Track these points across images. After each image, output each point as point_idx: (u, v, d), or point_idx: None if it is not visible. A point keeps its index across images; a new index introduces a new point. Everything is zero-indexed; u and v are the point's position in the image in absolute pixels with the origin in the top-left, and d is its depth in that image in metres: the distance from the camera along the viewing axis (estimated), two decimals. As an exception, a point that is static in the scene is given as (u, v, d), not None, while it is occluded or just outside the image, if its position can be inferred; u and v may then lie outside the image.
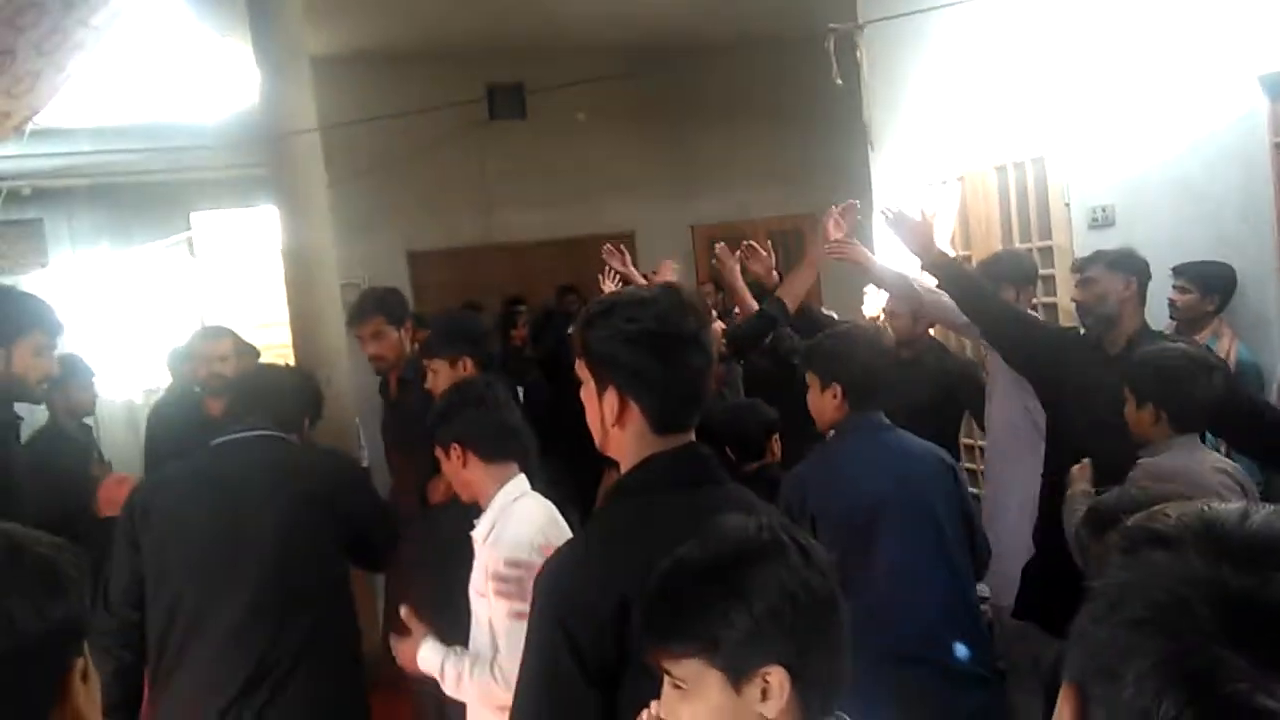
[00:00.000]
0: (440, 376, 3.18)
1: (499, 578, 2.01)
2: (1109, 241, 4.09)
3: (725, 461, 3.31)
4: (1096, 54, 4.24)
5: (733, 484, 1.57)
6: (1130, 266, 3.10)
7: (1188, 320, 3.64)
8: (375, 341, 3.73)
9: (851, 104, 5.24)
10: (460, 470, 2.20)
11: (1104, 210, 4.29)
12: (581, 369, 1.51)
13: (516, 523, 2.09)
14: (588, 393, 1.51)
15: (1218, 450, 2.87)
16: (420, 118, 6.43)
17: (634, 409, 1.46)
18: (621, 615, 1.33)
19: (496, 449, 2.19)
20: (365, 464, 5.48)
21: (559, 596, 1.38)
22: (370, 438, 6.06)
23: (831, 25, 3.57)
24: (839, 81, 3.42)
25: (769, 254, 4.42)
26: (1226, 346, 3.55)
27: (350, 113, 5.87)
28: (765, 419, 3.35)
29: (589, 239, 8.47)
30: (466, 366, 3.16)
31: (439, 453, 2.24)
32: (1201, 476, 2.38)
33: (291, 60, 4.83)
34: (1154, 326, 3.25)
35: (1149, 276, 3.16)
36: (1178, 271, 3.67)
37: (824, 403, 2.59)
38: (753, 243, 4.49)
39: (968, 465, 4.67)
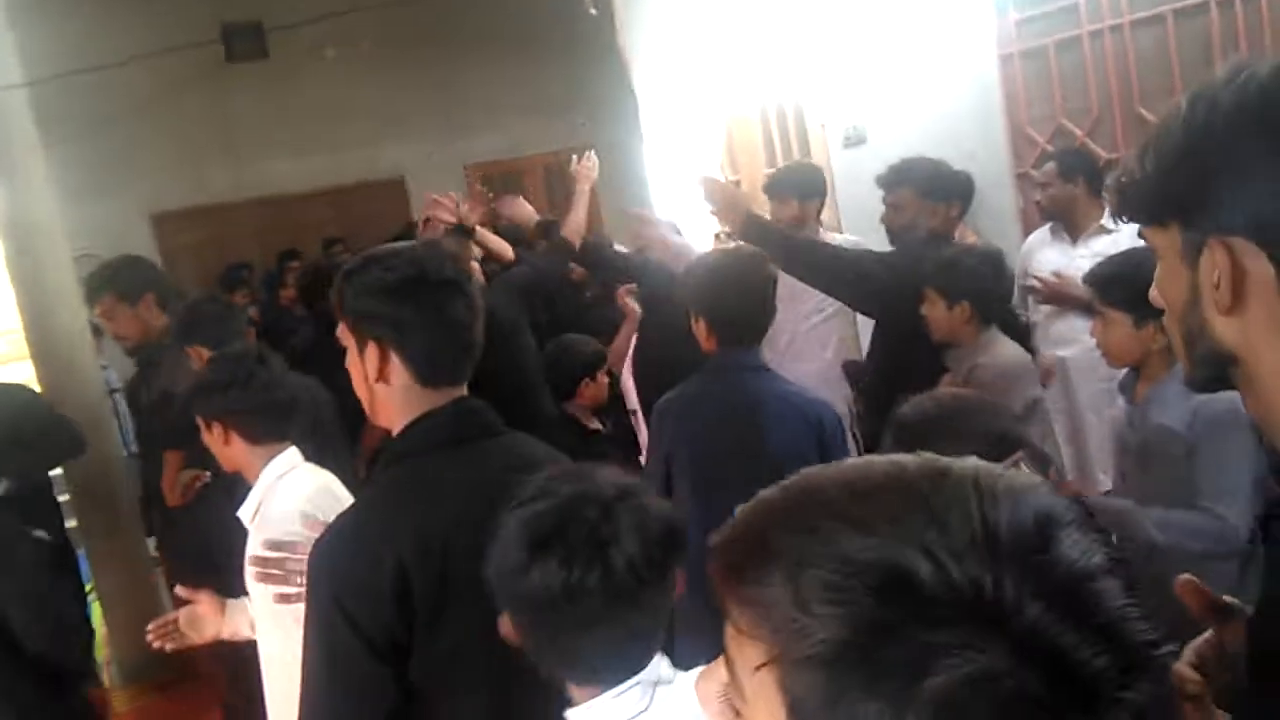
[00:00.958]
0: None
1: (257, 561, 1.90)
2: (863, 159, 4.31)
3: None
4: (838, -25, 4.38)
5: (510, 434, 1.51)
6: (940, 193, 3.20)
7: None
8: (110, 322, 3.40)
9: (609, 33, 5.20)
10: (223, 447, 2.05)
11: (855, 129, 4.49)
12: (343, 331, 1.45)
13: (280, 499, 1.97)
14: (351, 356, 1.45)
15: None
16: (150, 65, 5.84)
17: (396, 362, 1.40)
18: (401, 583, 1.29)
19: (263, 428, 2.05)
20: (127, 453, 5.05)
21: (332, 574, 1.32)
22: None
23: (580, -48, 3.46)
24: (593, 11, 3.34)
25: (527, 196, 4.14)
26: (971, 249, 3.83)
27: (62, 61, 5.24)
28: (581, 358, 3.32)
29: (356, 186, 8.09)
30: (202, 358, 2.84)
31: (201, 424, 2.06)
32: (1029, 372, 2.65)
33: (-22, 4, 4.22)
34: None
35: (957, 192, 3.30)
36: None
37: (701, 336, 2.38)
38: (494, 193, 4.16)
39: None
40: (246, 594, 2.04)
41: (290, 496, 1.97)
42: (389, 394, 1.42)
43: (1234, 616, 0.85)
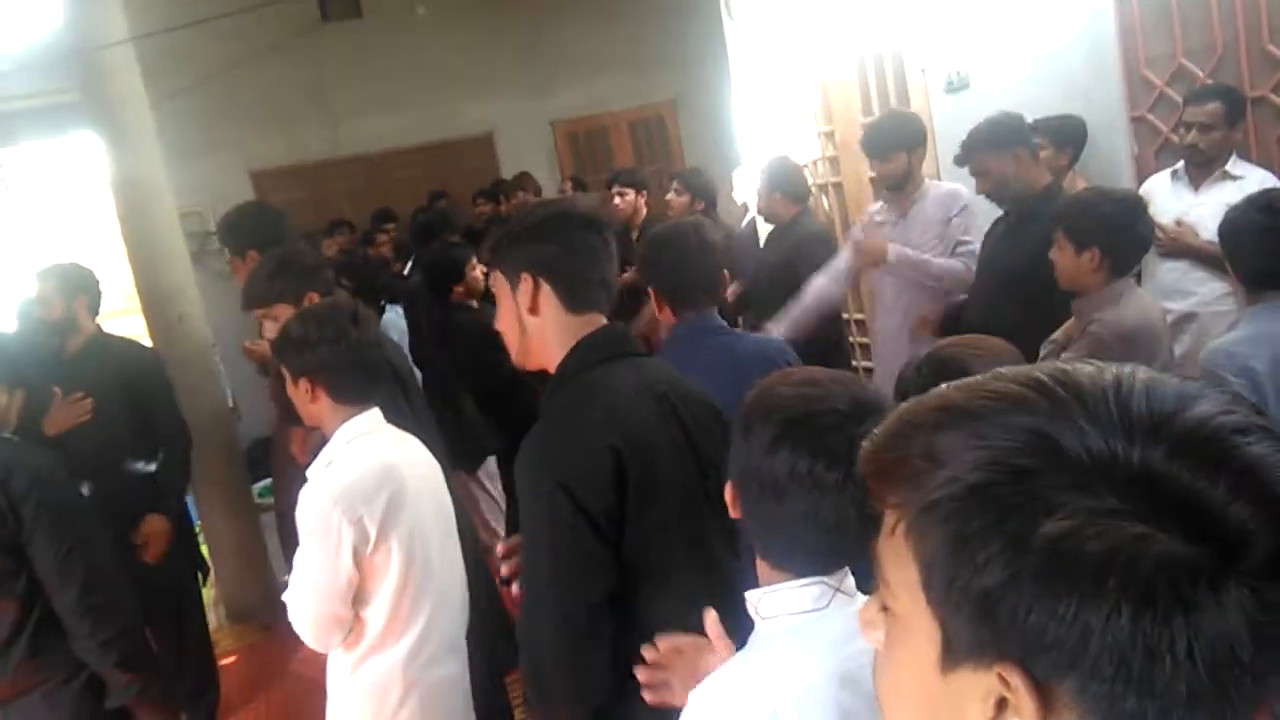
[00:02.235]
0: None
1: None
2: (966, 105, 4.14)
3: None
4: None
5: (652, 357, 1.73)
6: (1010, 140, 3.09)
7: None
8: (235, 273, 3.46)
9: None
10: (309, 403, 2.05)
11: (958, 73, 4.31)
12: (496, 280, 1.64)
13: (338, 468, 1.97)
14: (504, 302, 1.62)
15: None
16: (247, 23, 5.93)
17: (546, 290, 1.58)
18: (619, 468, 1.46)
19: (350, 388, 2.03)
20: (231, 405, 5.23)
21: (556, 464, 1.46)
22: (235, 377, 5.79)
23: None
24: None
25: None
26: (1081, 197, 3.66)
27: (166, 20, 5.36)
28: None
29: (446, 143, 8.16)
30: (313, 302, 2.71)
31: (286, 377, 2.08)
32: (1158, 329, 2.43)
33: (89, -35, 4.34)
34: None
35: (1029, 133, 3.17)
36: (1030, 128, 3.73)
37: (657, 312, 2.45)
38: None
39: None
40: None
41: (345, 469, 1.96)
42: (540, 326, 1.59)
43: None
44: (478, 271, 4.13)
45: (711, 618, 1.25)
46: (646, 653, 1.31)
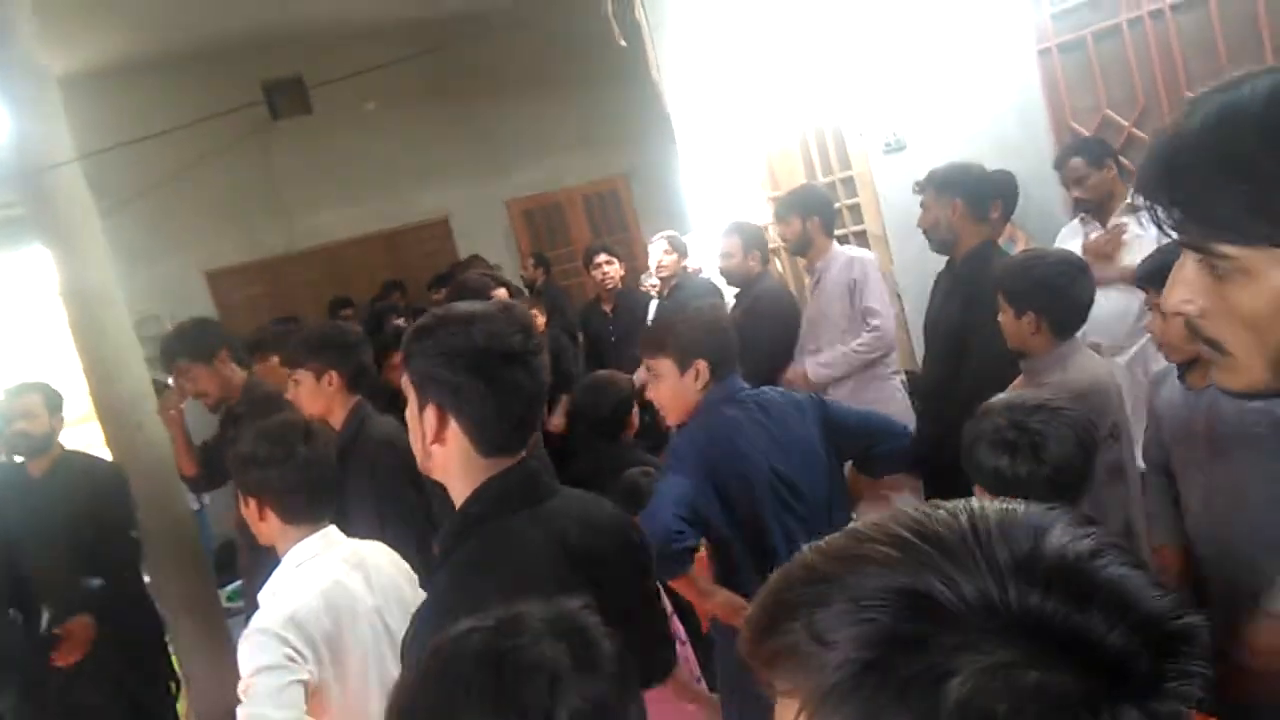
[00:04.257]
0: (303, 389, 2.92)
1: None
2: (904, 166, 4.26)
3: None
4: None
5: (567, 491, 1.54)
6: (956, 187, 3.19)
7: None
8: (190, 383, 3.56)
9: (643, 63, 5.22)
10: (258, 522, 2.01)
11: (896, 136, 4.44)
12: (405, 384, 1.47)
13: (284, 595, 1.90)
14: (411, 409, 1.46)
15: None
16: (197, 129, 5.97)
17: (454, 428, 1.41)
18: None
19: (299, 508, 1.98)
20: (198, 507, 5.16)
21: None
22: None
23: (607, -13, 3.49)
24: (622, 43, 3.36)
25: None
26: (1022, 248, 3.75)
27: (114, 133, 5.39)
28: (622, 393, 3.28)
29: (402, 230, 8.23)
30: (332, 381, 2.89)
31: (239, 495, 2.03)
32: (1108, 388, 2.40)
33: (35, 84, 4.37)
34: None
35: (981, 190, 3.24)
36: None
37: (696, 379, 2.36)
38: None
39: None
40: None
41: (292, 595, 1.90)
42: (445, 456, 1.44)
43: None
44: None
45: None
46: None
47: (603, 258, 5.45)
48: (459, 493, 1.45)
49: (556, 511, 1.46)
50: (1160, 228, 0.80)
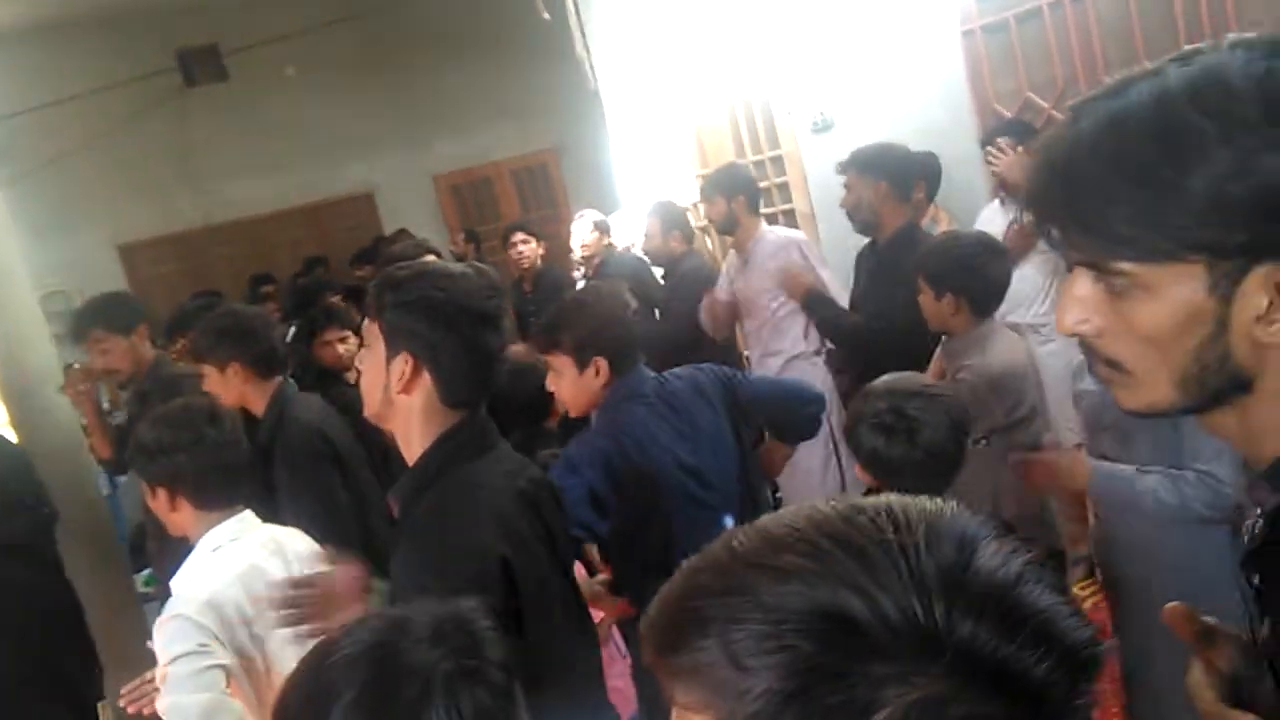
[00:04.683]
0: (212, 382, 2.83)
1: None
2: (831, 145, 4.28)
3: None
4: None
5: (505, 444, 1.61)
6: (880, 168, 3.21)
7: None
8: (102, 356, 3.44)
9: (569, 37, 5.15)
10: (170, 513, 1.95)
11: (823, 116, 4.46)
12: (371, 330, 1.50)
13: (200, 580, 1.86)
14: (372, 358, 1.50)
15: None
16: (109, 95, 5.76)
17: (425, 379, 1.46)
18: (509, 575, 1.41)
19: (212, 494, 1.93)
20: (106, 493, 4.99)
21: (442, 572, 1.38)
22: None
23: (531, -44, 3.42)
24: (546, 16, 3.30)
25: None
26: (944, 229, 3.81)
27: (20, 99, 5.16)
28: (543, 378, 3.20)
29: (325, 204, 8.02)
30: (237, 371, 2.80)
31: (145, 488, 1.97)
32: (1025, 371, 2.45)
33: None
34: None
35: (904, 171, 3.26)
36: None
37: (597, 375, 2.23)
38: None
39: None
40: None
41: (207, 579, 1.86)
42: (408, 407, 1.48)
43: (1220, 639, 0.85)
44: (340, 348, 3.87)
45: None
46: None
47: (519, 237, 5.39)
48: (416, 441, 1.50)
49: (506, 456, 1.56)
50: (1052, 247, 0.79)
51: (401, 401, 1.48)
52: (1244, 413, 0.77)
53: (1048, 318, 3.44)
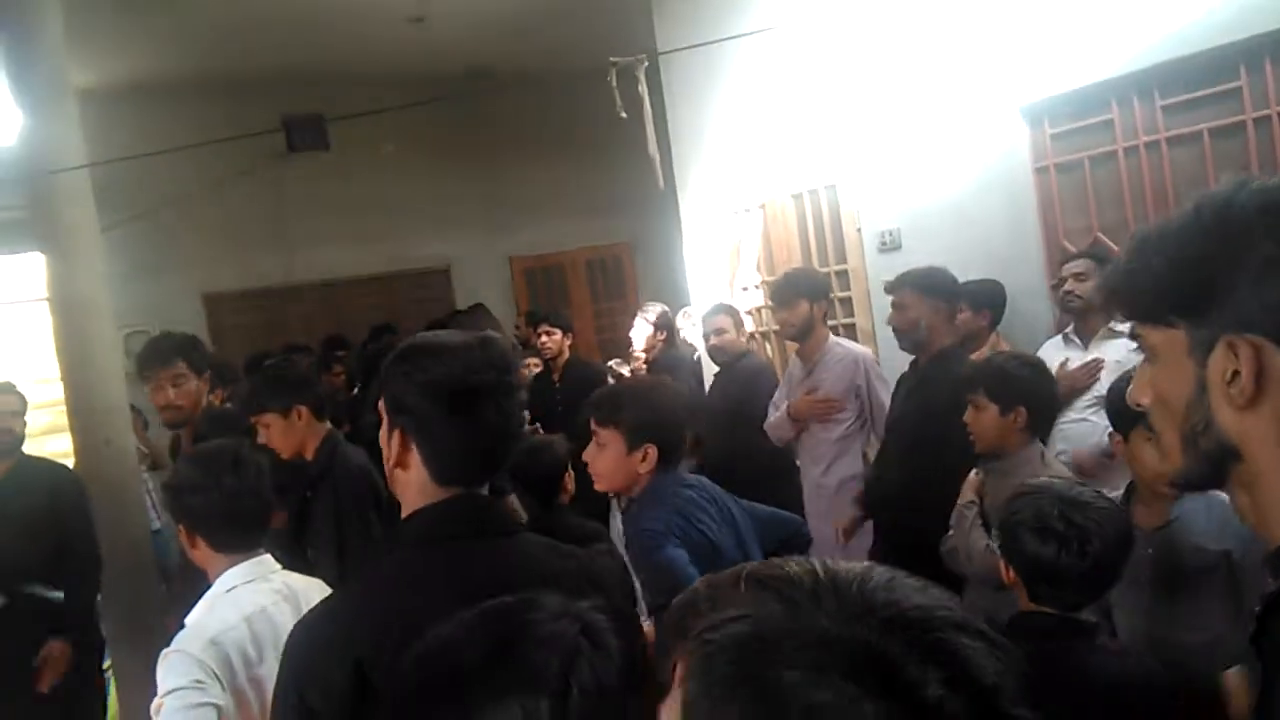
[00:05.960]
0: (274, 431, 3.02)
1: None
2: (897, 264, 4.31)
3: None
4: (880, 88, 4.46)
5: (519, 536, 1.49)
6: (937, 290, 3.25)
7: (964, 336, 3.85)
8: (175, 389, 3.50)
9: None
10: (191, 549, 2.01)
11: (891, 234, 4.50)
12: (382, 406, 1.48)
13: (208, 618, 1.90)
14: (383, 431, 1.47)
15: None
16: (212, 153, 6.05)
17: (415, 455, 1.41)
18: (358, 683, 1.26)
19: (226, 537, 1.98)
20: (157, 527, 5.10)
21: (298, 665, 1.33)
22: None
23: (613, 59, 3.57)
24: (623, 115, 3.43)
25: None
26: (1004, 359, 3.78)
27: (129, 148, 5.45)
28: (557, 458, 3.16)
29: (402, 275, 8.27)
30: (302, 415, 3.04)
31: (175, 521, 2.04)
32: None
33: (53, 93, 4.44)
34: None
35: (957, 294, 3.34)
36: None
37: (643, 460, 2.28)
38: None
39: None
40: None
41: (217, 619, 1.89)
42: (404, 479, 1.44)
43: None
44: None
45: None
46: None
47: (544, 328, 5.41)
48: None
49: (474, 555, 1.39)
50: (1118, 321, 0.87)
51: (399, 476, 1.44)
52: (1254, 492, 0.80)
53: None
